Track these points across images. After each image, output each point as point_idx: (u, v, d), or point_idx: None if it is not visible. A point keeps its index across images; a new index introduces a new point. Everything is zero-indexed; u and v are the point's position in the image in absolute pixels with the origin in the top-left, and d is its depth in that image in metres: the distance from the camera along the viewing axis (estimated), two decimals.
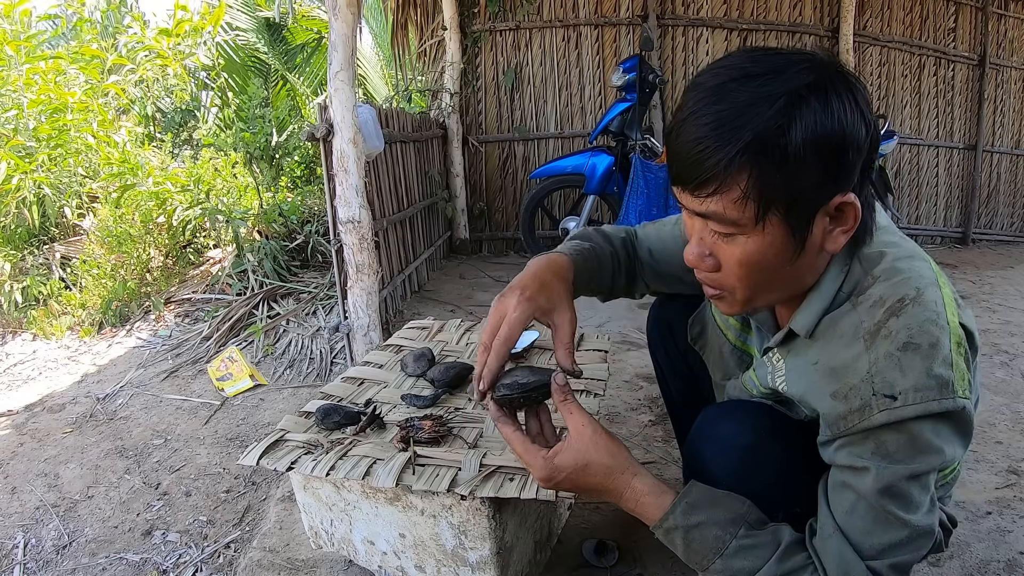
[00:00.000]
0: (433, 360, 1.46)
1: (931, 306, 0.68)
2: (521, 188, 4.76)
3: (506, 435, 0.83)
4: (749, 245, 0.70)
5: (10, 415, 2.39)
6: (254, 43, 5.66)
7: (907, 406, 0.66)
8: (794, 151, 0.64)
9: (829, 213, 0.69)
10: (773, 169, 0.64)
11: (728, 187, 0.66)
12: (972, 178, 5.16)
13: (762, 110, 0.64)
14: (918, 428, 0.67)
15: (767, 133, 0.63)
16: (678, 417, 1.34)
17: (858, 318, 0.72)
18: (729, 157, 0.64)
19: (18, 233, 3.76)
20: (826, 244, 0.71)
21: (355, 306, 2.49)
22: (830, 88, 0.65)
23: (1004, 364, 2.47)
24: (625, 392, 2.22)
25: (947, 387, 0.66)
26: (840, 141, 0.65)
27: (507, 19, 4.60)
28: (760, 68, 0.66)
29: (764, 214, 0.67)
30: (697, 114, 0.67)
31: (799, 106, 0.63)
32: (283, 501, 1.63)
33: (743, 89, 0.65)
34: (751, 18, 4.59)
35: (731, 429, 0.84)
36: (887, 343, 0.68)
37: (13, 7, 4.50)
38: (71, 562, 1.53)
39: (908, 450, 0.68)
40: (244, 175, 4.20)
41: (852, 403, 0.69)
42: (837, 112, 0.64)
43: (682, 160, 0.69)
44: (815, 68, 0.66)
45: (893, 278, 0.71)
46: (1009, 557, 1.33)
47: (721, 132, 0.65)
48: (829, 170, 0.66)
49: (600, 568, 1.30)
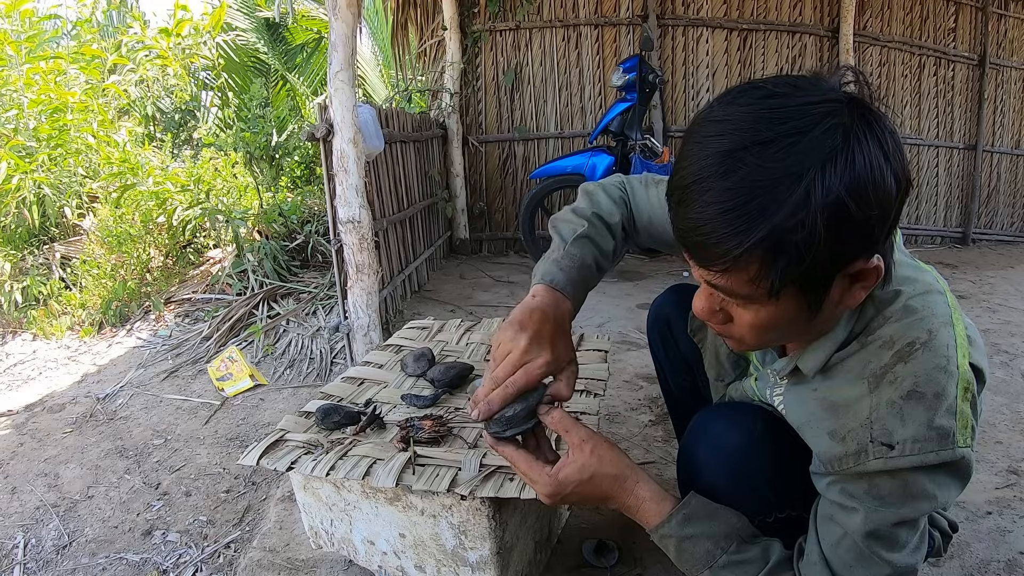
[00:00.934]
0: (433, 360, 1.46)
1: (942, 351, 0.66)
2: (521, 188, 4.76)
3: (508, 456, 0.82)
4: (762, 313, 0.65)
5: (10, 415, 2.39)
6: (254, 43, 5.66)
7: (904, 456, 0.65)
8: (815, 241, 0.56)
9: (849, 275, 0.63)
10: (790, 261, 0.58)
11: (738, 270, 0.60)
12: (972, 178, 5.16)
13: (779, 195, 0.55)
14: (913, 477, 0.66)
15: (783, 230, 0.56)
16: (678, 416, 1.34)
17: (866, 358, 0.69)
18: (741, 250, 0.57)
19: (18, 233, 3.76)
20: (844, 300, 0.66)
21: (355, 306, 2.49)
22: (857, 149, 0.56)
23: (1004, 364, 2.46)
24: (625, 392, 2.22)
25: (947, 438, 0.64)
26: (866, 210, 0.57)
27: (507, 19, 4.60)
28: (774, 132, 0.56)
29: (778, 293, 0.61)
30: (703, 185, 0.59)
31: (821, 188, 0.55)
32: (283, 501, 1.63)
33: (757, 162, 0.56)
34: (751, 18, 4.59)
35: (725, 431, 0.84)
36: (891, 389, 0.66)
37: (14, 7, 4.50)
38: (71, 562, 1.53)
39: (900, 495, 0.67)
40: (244, 175, 4.20)
41: (849, 446, 0.68)
42: (863, 176, 0.56)
43: (687, 236, 0.62)
44: (841, 125, 0.56)
45: (905, 318, 0.68)
46: (1009, 557, 1.33)
47: (731, 219, 0.57)
48: (853, 241, 0.59)
49: (600, 568, 1.30)
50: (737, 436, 0.82)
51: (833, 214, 0.55)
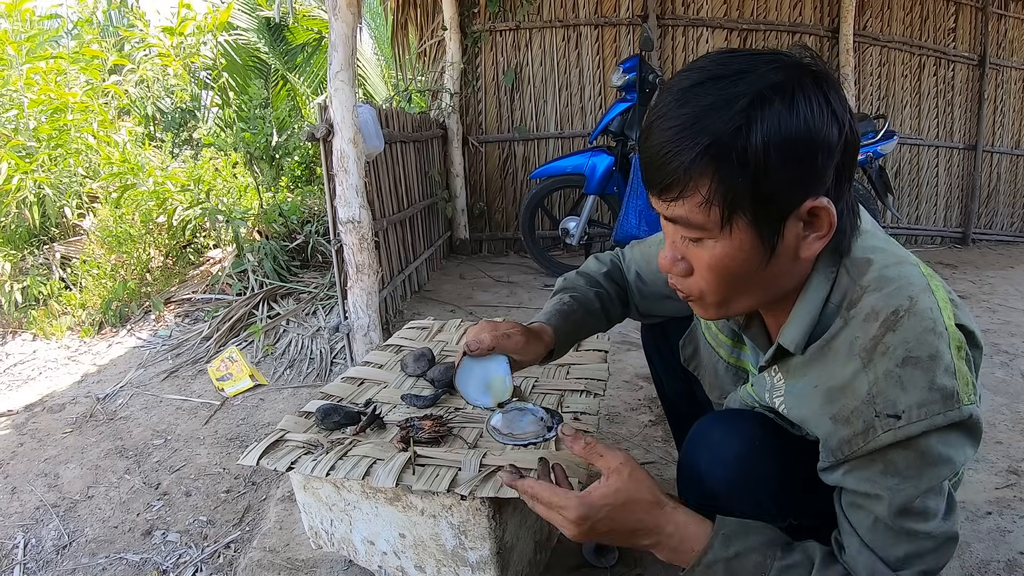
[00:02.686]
0: (433, 360, 1.46)
1: (927, 315, 0.67)
2: (521, 188, 4.76)
3: (528, 489, 0.78)
4: (717, 249, 0.69)
5: (10, 415, 2.39)
6: (254, 43, 5.66)
7: (912, 424, 0.64)
8: (755, 153, 0.62)
9: (802, 218, 0.67)
10: (734, 172, 0.64)
11: (691, 191, 0.66)
12: (972, 178, 5.16)
13: (723, 112, 0.63)
14: (926, 443, 0.65)
15: (725, 136, 0.63)
16: (676, 421, 1.34)
17: (852, 334, 0.69)
18: (688, 160, 0.64)
19: (18, 233, 3.76)
20: (801, 251, 0.69)
21: (355, 306, 2.49)
22: (797, 88, 0.63)
23: (1004, 364, 2.47)
24: (625, 392, 2.22)
25: (952, 398, 0.64)
26: (807, 143, 0.63)
27: (507, 19, 4.60)
28: (727, 70, 0.65)
29: (729, 218, 0.66)
30: (663, 118, 0.67)
31: (761, 107, 0.62)
32: (283, 501, 1.63)
33: (707, 92, 0.64)
34: (751, 18, 4.59)
35: (725, 440, 0.82)
36: (885, 360, 0.66)
37: (15, 7, 4.50)
38: (71, 562, 1.53)
39: (917, 466, 0.66)
40: (244, 175, 4.21)
41: (855, 426, 0.68)
42: (804, 113, 0.63)
43: (648, 164, 0.69)
44: (784, 68, 0.65)
45: (884, 288, 0.69)
46: (1009, 557, 1.33)
47: (682, 136, 0.64)
48: (796, 173, 0.64)
49: (600, 568, 1.31)
50: (738, 445, 0.81)
51: (772, 131, 0.62)
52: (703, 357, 1.05)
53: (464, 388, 1.01)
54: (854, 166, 0.69)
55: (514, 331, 1.00)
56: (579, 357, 1.48)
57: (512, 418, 1.09)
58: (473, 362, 1.03)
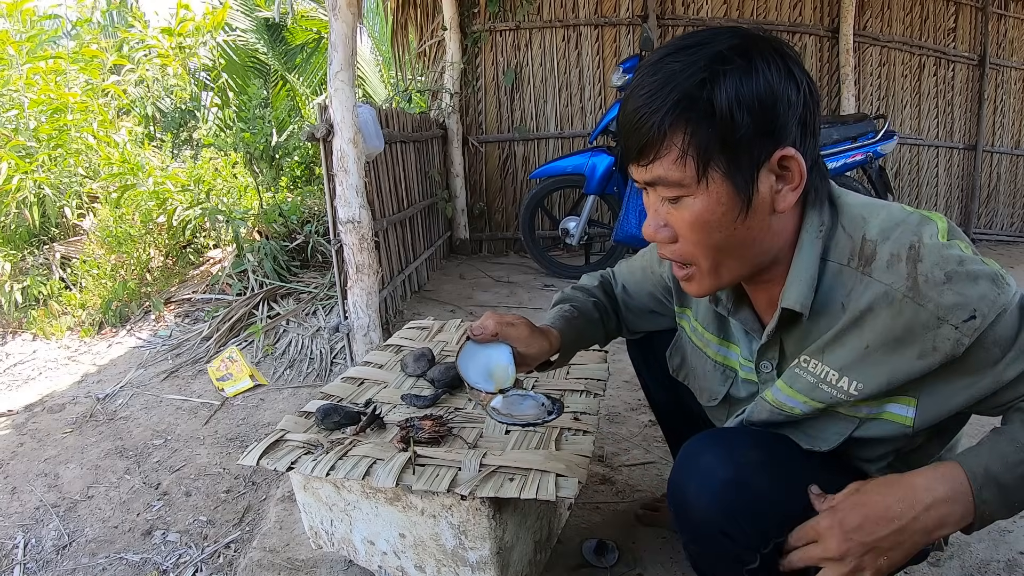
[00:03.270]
0: (433, 360, 1.46)
1: (935, 239, 0.71)
2: (521, 188, 4.76)
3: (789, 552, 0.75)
4: (696, 205, 0.73)
5: (10, 415, 2.39)
6: (254, 43, 5.66)
7: (985, 316, 0.68)
8: (721, 104, 0.68)
9: (773, 170, 0.72)
10: (704, 124, 0.69)
11: (667, 148, 0.71)
12: (972, 178, 5.16)
13: (689, 71, 0.69)
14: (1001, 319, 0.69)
15: (692, 89, 0.68)
16: (669, 428, 1.34)
17: (883, 285, 0.72)
18: (660, 117, 0.69)
19: (18, 233, 3.76)
20: (776, 204, 0.73)
21: (355, 306, 2.49)
22: (754, 49, 0.69)
23: None
24: (625, 392, 2.22)
25: (998, 278, 0.69)
26: (768, 96, 0.69)
27: (507, 19, 4.60)
28: (691, 41, 0.72)
29: (704, 170, 0.70)
30: (637, 87, 0.73)
31: (722, 63, 0.68)
32: (283, 501, 1.63)
33: (675, 60, 0.70)
34: (751, 18, 4.59)
35: (713, 463, 0.79)
36: (931, 286, 0.69)
37: (15, 7, 4.50)
38: (71, 562, 1.53)
39: (1012, 328, 0.70)
40: (244, 175, 4.20)
41: (945, 346, 0.70)
42: (762, 70, 0.69)
43: (626, 132, 0.74)
44: (742, 35, 0.71)
45: (892, 235, 0.73)
46: (1009, 557, 1.33)
47: (654, 97, 0.70)
48: (761, 123, 0.69)
49: (600, 568, 1.30)
50: (728, 471, 0.78)
51: (735, 82, 0.68)
52: (691, 363, 1.04)
53: (465, 371, 0.99)
54: (817, 122, 0.74)
55: (519, 322, 1.01)
56: (579, 357, 1.48)
57: (513, 401, 1.08)
58: (476, 347, 1.01)
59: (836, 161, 3.50)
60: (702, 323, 0.98)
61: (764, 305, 0.85)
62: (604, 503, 1.55)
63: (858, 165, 3.55)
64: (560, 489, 0.97)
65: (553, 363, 1.09)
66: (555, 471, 1.00)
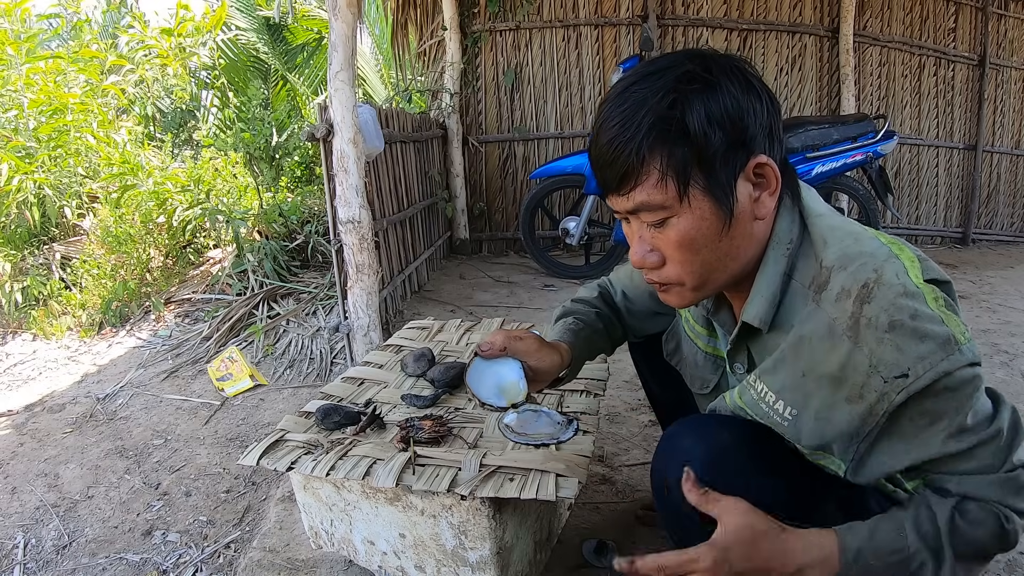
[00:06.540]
0: (433, 360, 1.46)
1: (894, 281, 0.69)
2: (521, 188, 4.76)
3: (654, 563, 0.74)
4: (681, 224, 0.73)
5: (10, 415, 2.39)
6: (254, 43, 5.66)
7: (920, 377, 0.66)
8: (693, 123, 0.69)
9: (749, 179, 0.73)
10: (680, 143, 0.70)
11: (646, 173, 0.72)
12: (972, 178, 5.16)
13: (658, 96, 0.70)
14: (939, 388, 0.66)
15: (664, 111, 0.70)
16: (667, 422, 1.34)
17: (828, 316, 0.71)
18: (638, 143, 0.70)
19: (18, 233, 3.76)
20: (756, 211, 0.75)
21: (355, 306, 2.49)
22: (715, 68, 0.72)
23: (1004, 364, 2.46)
24: (625, 392, 2.22)
25: (949, 342, 0.66)
26: (735, 110, 0.71)
27: (507, 19, 4.61)
28: (653, 68, 0.73)
29: (685, 188, 0.71)
30: (606, 120, 0.74)
31: (688, 84, 0.70)
32: (283, 501, 1.63)
33: (640, 87, 0.72)
34: (751, 18, 4.59)
35: (690, 445, 0.81)
36: (872, 330, 0.68)
37: (14, 7, 4.50)
38: (71, 562, 1.53)
39: (950, 401, 0.67)
40: (244, 175, 4.20)
41: (869, 399, 0.69)
42: (726, 86, 0.71)
43: (603, 165, 0.75)
44: (700, 56, 0.73)
45: (849, 266, 0.71)
46: (1009, 557, 1.33)
47: (627, 126, 0.71)
48: (732, 137, 0.71)
49: (600, 568, 1.30)
50: (704, 453, 0.79)
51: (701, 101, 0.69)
52: (684, 350, 1.06)
53: (476, 389, 0.99)
54: (780, 128, 0.76)
55: (527, 336, 1.01)
56: None
57: (527, 419, 1.09)
58: (485, 364, 1.01)
59: (836, 161, 3.50)
60: (693, 316, 1.01)
61: (740, 310, 0.85)
62: (604, 503, 1.55)
63: (858, 165, 3.55)
64: (560, 489, 0.97)
65: (563, 378, 1.09)
66: (555, 471, 1.01)
